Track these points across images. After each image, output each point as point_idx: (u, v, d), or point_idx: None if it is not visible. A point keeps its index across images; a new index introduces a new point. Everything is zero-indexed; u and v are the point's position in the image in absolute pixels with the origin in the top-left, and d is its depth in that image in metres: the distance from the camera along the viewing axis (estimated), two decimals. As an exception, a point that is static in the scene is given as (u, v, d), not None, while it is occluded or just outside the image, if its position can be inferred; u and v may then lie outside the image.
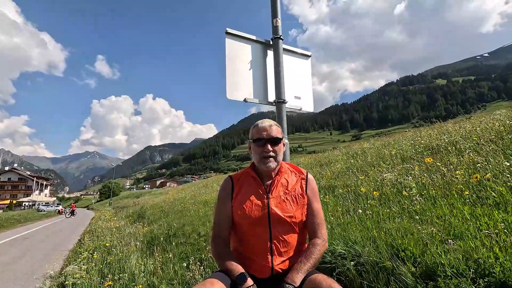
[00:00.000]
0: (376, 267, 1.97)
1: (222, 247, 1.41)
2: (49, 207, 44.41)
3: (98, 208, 41.49)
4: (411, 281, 1.72)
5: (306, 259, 1.30)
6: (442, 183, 3.37)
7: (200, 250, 3.91)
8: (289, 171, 1.49)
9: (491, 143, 4.39)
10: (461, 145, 4.88)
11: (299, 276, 1.24)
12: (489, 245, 1.75)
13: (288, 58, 2.58)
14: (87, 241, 7.20)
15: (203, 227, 5.38)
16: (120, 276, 3.28)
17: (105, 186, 79.49)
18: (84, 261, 4.35)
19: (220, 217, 1.45)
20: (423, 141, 6.14)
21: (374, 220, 2.85)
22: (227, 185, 1.49)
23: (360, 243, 2.28)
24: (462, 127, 6.34)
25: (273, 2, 2.46)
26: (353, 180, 5.08)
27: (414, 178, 3.89)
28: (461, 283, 1.52)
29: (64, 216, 30.83)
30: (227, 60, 2.27)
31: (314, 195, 1.45)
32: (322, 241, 1.38)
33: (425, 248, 1.90)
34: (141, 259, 4.00)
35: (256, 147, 1.41)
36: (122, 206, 26.41)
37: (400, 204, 3.15)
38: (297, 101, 2.54)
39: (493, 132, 4.98)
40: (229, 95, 2.22)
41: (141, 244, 5.22)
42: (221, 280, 1.21)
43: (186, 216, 7.44)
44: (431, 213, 2.59)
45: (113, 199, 48.66)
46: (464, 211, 2.43)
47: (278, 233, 1.33)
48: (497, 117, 6.10)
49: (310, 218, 1.42)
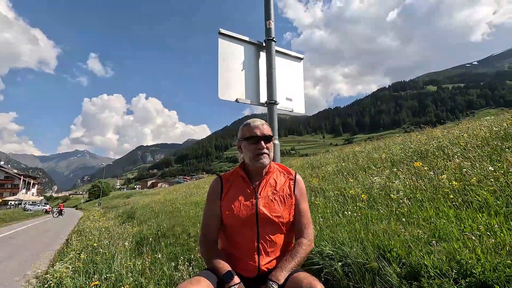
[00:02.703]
0: (362, 267, 2.00)
1: (210, 246, 1.41)
2: (36, 207, 43.37)
3: (87, 208, 40.76)
4: (396, 281, 1.75)
5: (291, 258, 1.31)
6: (429, 187, 3.44)
7: (190, 250, 3.90)
8: (278, 171, 1.51)
9: (477, 149, 4.50)
10: (449, 150, 4.99)
11: (283, 274, 1.25)
12: (471, 247, 1.80)
13: (281, 60, 2.61)
14: (75, 241, 7.06)
15: (193, 227, 5.35)
16: (107, 276, 3.24)
17: (95, 186, 78.25)
18: (71, 261, 4.27)
19: (209, 217, 1.45)
20: (412, 146, 6.25)
21: (362, 222, 2.89)
22: (216, 185, 1.49)
23: (348, 244, 2.31)
24: (450, 133, 6.48)
25: (266, 4, 2.49)
26: (343, 182, 5.14)
27: (402, 182, 3.96)
28: (443, 283, 1.56)
29: (51, 215, 30.18)
30: (220, 60, 2.28)
31: (302, 196, 1.47)
32: (308, 241, 1.39)
33: (410, 250, 1.93)
34: (130, 259, 3.95)
35: (249, 145, 1.42)
36: (112, 206, 26.03)
37: (388, 207, 3.20)
38: (288, 102, 2.57)
39: (479, 138, 5.11)
40: (221, 95, 2.23)
41: (129, 244, 5.15)
42: (208, 278, 1.21)
43: (177, 217, 7.38)
44: (418, 216, 2.64)
45: (102, 199, 47.90)
46: (449, 214, 2.49)
47: (266, 233, 1.35)
48: (485, 123, 6.25)
49: (298, 218, 1.43)
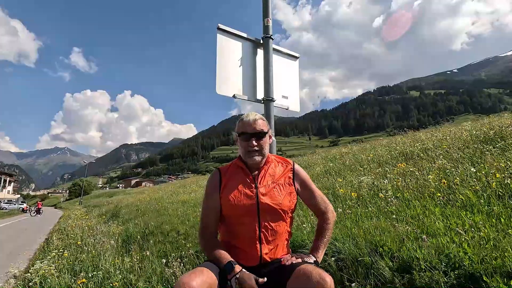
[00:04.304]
0: (355, 262, 2.05)
1: (210, 238, 1.41)
2: (12, 205, 41.53)
3: (67, 207, 39.36)
4: (388, 274, 1.80)
5: (322, 235, 1.43)
6: (416, 186, 3.56)
7: (180, 248, 3.85)
8: (276, 161, 1.54)
9: (459, 151, 4.70)
10: (432, 152, 5.19)
11: (320, 252, 1.39)
12: (458, 242, 1.88)
13: (277, 58, 2.63)
14: (56, 240, 6.81)
15: (182, 225, 5.29)
16: (94, 273, 3.15)
17: (76, 184, 75.64)
18: (53, 259, 4.12)
19: (208, 209, 1.46)
20: (398, 147, 6.44)
21: (353, 220, 2.95)
22: (214, 177, 1.50)
23: (340, 240, 2.36)
24: (434, 136, 6.73)
25: (264, 2, 2.50)
26: (331, 182, 5.23)
27: (390, 181, 4.08)
28: (434, 275, 1.62)
29: (29, 214, 28.95)
30: (218, 55, 2.28)
31: (307, 181, 1.52)
32: (330, 213, 1.49)
33: (401, 244, 2.00)
34: (117, 257, 3.86)
35: (242, 141, 1.44)
36: (94, 205, 25.26)
37: (377, 205, 3.29)
38: (284, 100, 2.59)
39: (461, 141, 5.33)
40: (218, 90, 2.23)
41: (116, 243, 5.03)
42: (210, 269, 1.21)
43: (164, 215, 7.28)
44: (406, 214, 2.74)
45: (84, 198, 46.42)
46: (435, 211, 2.60)
47: (267, 221, 1.36)
48: (466, 128, 6.53)
49: (312, 200, 1.50)
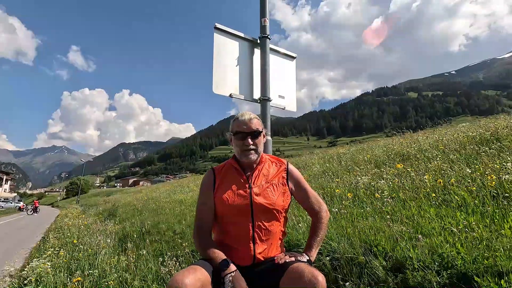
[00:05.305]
0: (350, 261, 2.06)
1: (204, 237, 1.42)
2: (9, 204, 41.31)
3: (64, 206, 39.16)
4: (382, 273, 1.82)
5: (315, 234, 1.43)
6: (411, 187, 3.58)
7: (176, 247, 3.85)
8: (270, 161, 1.55)
9: (455, 152, 4.73)
10: (429, 153, 5.21)
11: (313, 250, 1.38)
12: (452, 242, 1.90)
13: (274, 57, 2.64)
14: (52, 238, 6.78)
15: (178, 225, 5.29)
16: (89, 272, 3.15)
17: (73, 183, 75.28)
18: (50, 257, 4.11)
19: (203, 209, 1.46)
20: (395, 148, 6.47)
21: (348, 219, 2.97)
22: (209, 177, 1.51)
23: (335, 240, 2.37)
24: (430, 137, 6.76)
25: (262, 2, 2.51)
26: (328, 182, 5.24)
27: (386, 182, 4.10)
28: (426, 275, 1.64)
29: (25, 213, 28.80)
30: (215, 54, 2.28)
31: (301, 181, 1.52)
32: (323, 213, 1.49)
33: (395, 244, 2.02)
34: (113, 255, 3.85)
35: (237, 140, 1.45)
36: (91, 204, 25.17)
37: (372, 205, 3.30)
38: (281, 100, 2.60)
39: (457, 143, 5.37)
40: (215, 89, 2.23)
41: (112, 241, 5.02)
42: (203, 267, 1.22)
43: (161, 215, 7.27)
44: (401, 214, 2.75)
45: (81, 197, 46.21)
46: (430, 212, 2.61)
47: (260, 221, 1.37)
48: (462, 129, 6.57)
49: (306, 200, 1.51)
